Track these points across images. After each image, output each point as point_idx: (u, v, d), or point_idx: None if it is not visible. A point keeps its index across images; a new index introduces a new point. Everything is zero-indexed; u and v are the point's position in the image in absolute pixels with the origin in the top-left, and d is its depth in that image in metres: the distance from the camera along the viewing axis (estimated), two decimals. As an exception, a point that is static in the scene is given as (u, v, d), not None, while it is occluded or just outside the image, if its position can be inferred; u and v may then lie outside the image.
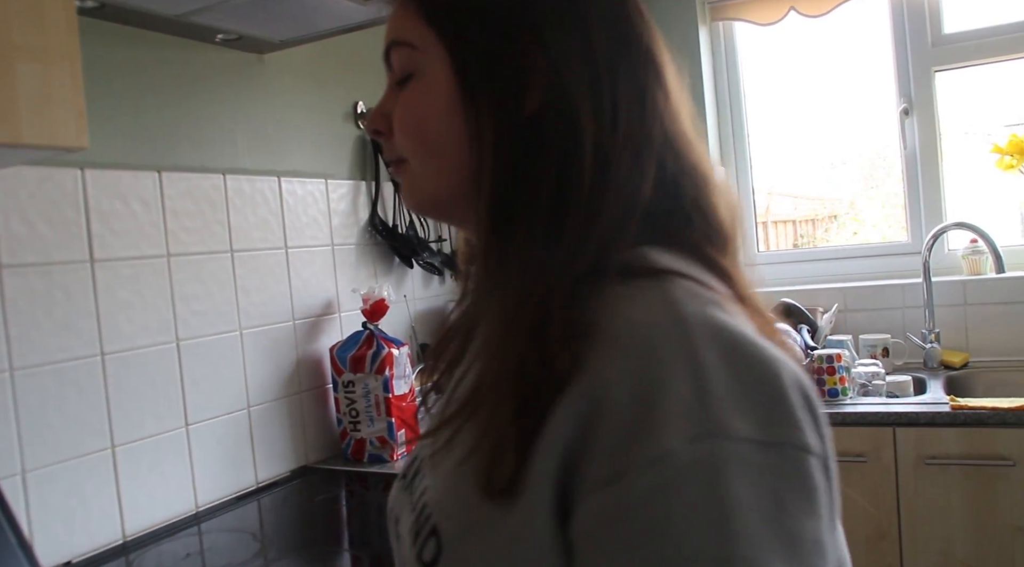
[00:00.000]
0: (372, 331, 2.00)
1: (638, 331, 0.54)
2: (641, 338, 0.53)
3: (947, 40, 2.64)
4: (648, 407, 0.50)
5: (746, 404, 0.51)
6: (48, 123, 1.05)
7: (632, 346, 0.53)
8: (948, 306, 2.52)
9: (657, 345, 0.52)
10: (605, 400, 0.52)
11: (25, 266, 1.39)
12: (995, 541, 1.90)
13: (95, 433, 1.49)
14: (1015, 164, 2.48)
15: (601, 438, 0.51)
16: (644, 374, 0.51)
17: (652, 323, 0.54)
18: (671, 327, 0.53)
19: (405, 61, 0.68)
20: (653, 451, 0.49)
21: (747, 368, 0.52)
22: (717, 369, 0.51)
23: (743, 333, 0.54)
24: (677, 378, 0.51)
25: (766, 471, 0.50)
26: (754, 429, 0.50)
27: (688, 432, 0.49)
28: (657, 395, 0.50)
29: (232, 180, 1.81)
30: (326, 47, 2.02)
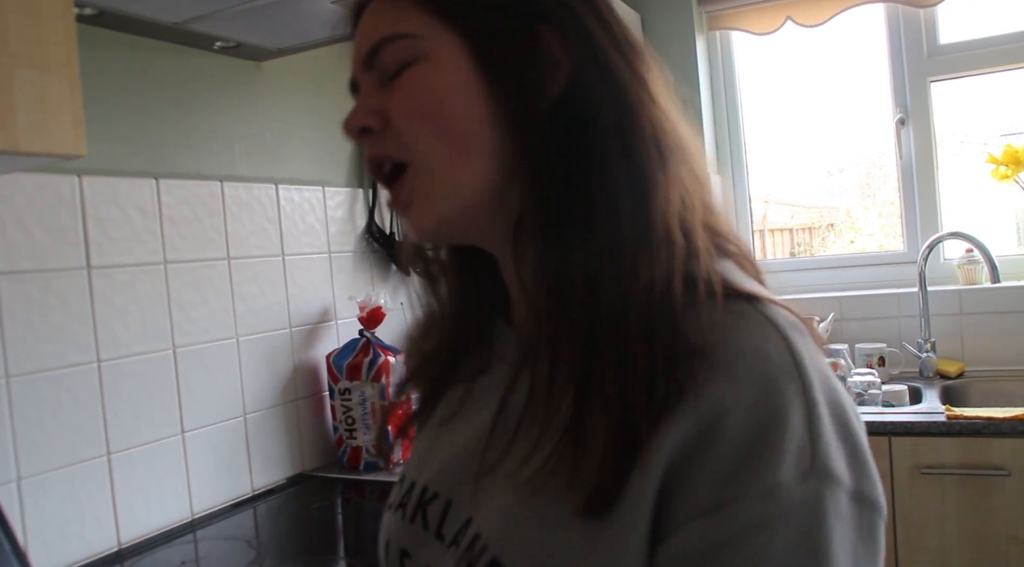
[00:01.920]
0: (369, 339, 2.00)
1: (755, 360, 0.52)
2: (759, 367, 0.51)
3: (943, 51, 2.65)
4: (765, 438, 0.49)
5: (845, 449, 0.51)
6: (46, 130, 1.05)
7: (750, 375, 0.51)
8: (944, 315, 2.52)
9: (775, 376, 0.51)
10: (720, 428, 0.50)
11: (21, 273, 1.39)
12: (990, 551, 1.90)
13: (91, 440, 1.49)
14: (1010, 174, 2.49)
15: (710, 465, 0.50)
16: (763, 405, 0.50)
17: (768, 355, 0.52)
18: (786, 359, 0.52)
19: (402, 53, 0.61)
20: (767, 483, 0.48)
21: (840, 414, 0.52)
22: (824, 410, 0.51)
23: (832, 374, 0.55)
24: (794, 413, 0.50)
25: (853, 523, 0.50)
26: (850, 477, 0.50)
27: (800, 469, 0.49)
28: (775, 427, 0.49)
29: (229, 187, 1.81)
30: (324, 55, 2.02)
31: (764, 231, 3.16)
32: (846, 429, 0.52)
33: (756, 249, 3.07)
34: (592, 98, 0.57)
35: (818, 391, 0.51)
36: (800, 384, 0.51)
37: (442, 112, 0.59)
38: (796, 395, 0.50)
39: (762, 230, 3.14)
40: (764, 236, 3.15)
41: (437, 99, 0.59)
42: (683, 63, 2.88)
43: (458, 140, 0.59)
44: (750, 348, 0.52)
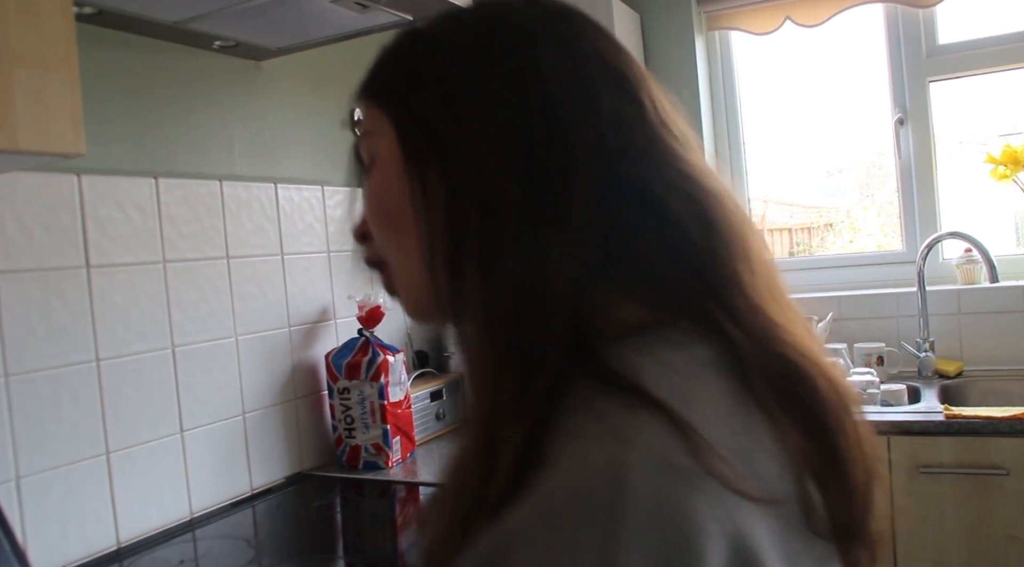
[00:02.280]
0: (368, 338, 2.00)
1: (568, 491, 0.45)
2: (567, 501, 0.44)
3: (942, 51, 2.66)
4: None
5: None
6: (45, 129, 1.05)
7: (554, 509, 0.45)
8: (942, 315, 2.52)
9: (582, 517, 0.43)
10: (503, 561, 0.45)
11: (21, 272, 1.39)
12: (989, 550, 1.90)
13: (90, 439, 1.49)
14: (1009, 174, 2.49)
15: None
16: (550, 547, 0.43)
17: (588, 488, 0.44)
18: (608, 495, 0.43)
19: (367, 148, 0.65)
20: None
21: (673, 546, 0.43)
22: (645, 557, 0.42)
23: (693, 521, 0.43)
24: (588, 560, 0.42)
25: None
26: None
27: None
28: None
29: (228, 186, 1.81)
30: (323, 54, 2.02)
31: (763, 231, 3.16)
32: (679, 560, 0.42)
33: (755, 249, 3.07)
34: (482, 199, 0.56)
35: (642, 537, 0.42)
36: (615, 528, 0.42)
37: (385, 210, 0.63)
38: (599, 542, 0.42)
39: (761, 230, 3.14)
40: (763, 236, 3.15)
41: (380, 202, 0.63)
42: (682, 63, 2.88)
43: (401, 239, 0.62)
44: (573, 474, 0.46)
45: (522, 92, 0.56)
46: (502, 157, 0.55)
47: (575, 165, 0.54)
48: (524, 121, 0.55)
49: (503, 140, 0.55)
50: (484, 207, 0.55)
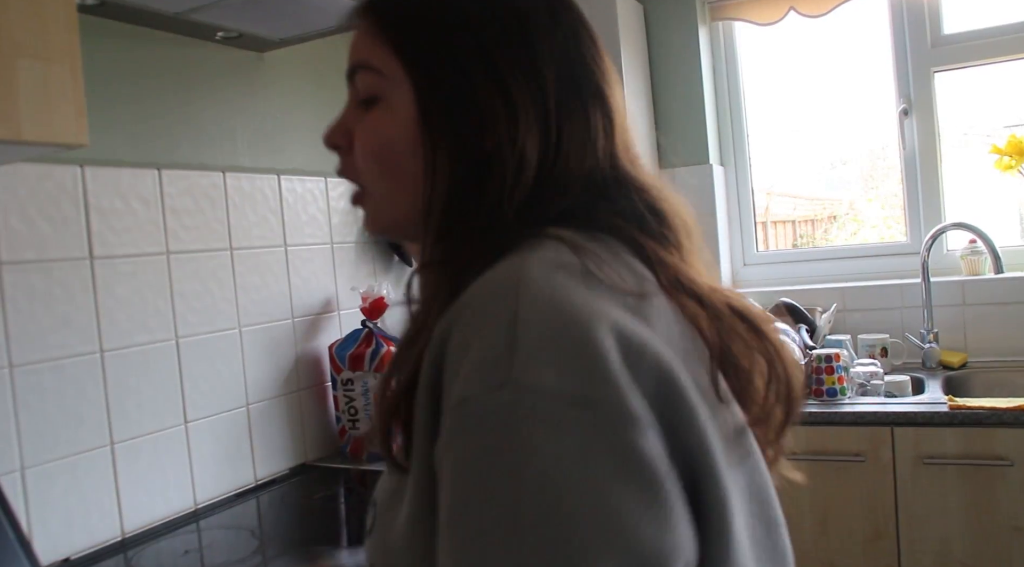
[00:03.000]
0: (371, 329, 2.00)
1: (481, 289, 0.58)
2: (479, 294, 0.57)
3: (946, 41, 2.64)
4: (463, 355, 0.54)
5: (560, 360, 0.51)
6: (48, 120, 1.05)
7: (470, 301, 0.57)
8: (947, 306, 2.52)
9: (488, 300, 0.56)
10: (445, 349, 0.56)
11: (25, 263, 1.39)
12: (993, 541, 1.90)
13: (94, 430, 1.49)
14: (1014, 165, 2.48)
15: (443, 382, 0.55)
16: (469, 325, 0.55)
17: (494, 281, 0.58)
18: (507, 285, 0.56)
19: (371, 85, 0.70)
20: (456, 396, 0.52)
21: (566, 326, 0.53)
22: (534, 324, 0.53)
23: (573, 294, 0.55)
24: (493, 330, 0.53)
25: (573, 427, 0.49)
26: (564, 384, 0.50)
27: (490, 380, 0.51)
28: (472, 344, 0.53)
29: (232, 178, 1.81)
30: (326, 45, 2.02)
31: (767, 223, 3.15)
32: (576, 344, 0.52)
33: (758, 241, 3.07)
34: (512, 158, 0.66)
35: (534, 312, 0.53)
36: (512, 305, 0.54)
37: (386, 157, 0.69)
38: (501, 315, 0.54)
39: (764, 222, 3.14)
40: (767, 228, 3.15)
41: (385, 144, 0.69)
42: (686, 54, 2.87)
43: (393, 178, 0.70)
44: (484, 281, 0.59)
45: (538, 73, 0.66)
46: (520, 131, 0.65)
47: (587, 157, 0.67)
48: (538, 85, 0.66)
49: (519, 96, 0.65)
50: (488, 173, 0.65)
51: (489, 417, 0.50)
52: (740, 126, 3.00)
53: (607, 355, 0.51)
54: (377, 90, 0.69)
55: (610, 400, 0.50)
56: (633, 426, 0.50)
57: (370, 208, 0.74)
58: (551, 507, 0.47)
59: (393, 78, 0.68)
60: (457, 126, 0.66)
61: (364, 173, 0.72)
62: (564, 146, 0.66)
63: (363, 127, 0.71)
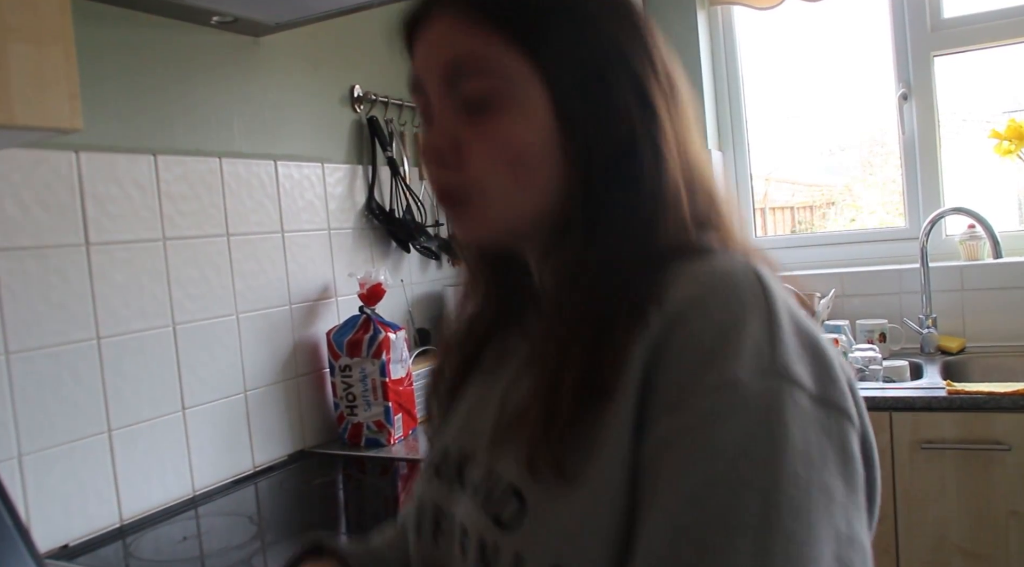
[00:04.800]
0: (369, 315, 2.00)
1: (719, 273, 0.58)
2: (722, 278, 0.57)
3: (946, 24, 2.63)
4: (725, 339, 0.54)
5: (808, 360, 0.55)
6: (42, 104, 1.05)
7: (714, 283, 0.57)
8: (945, 291, 2.52)
9: (738, 286, 0.57)
10: (682, 325, 0.56)
11: (20, 249, 1.39)
12: (990, 525, 1.90)
13: (91, 417, 1.49)
14: (1013, 149, 2.47)
15: (676, 361, 0.55)
16: (725, 308, 0.55)
17: (733, 272, 0.58)
18: (749, 276, 0.57)
19: (488, 89, 0.64)
20: (721, 378, 0.53)
21: (805, 331, 0.57)
22: (785, 321, 0.55)
23: (798, 309, 0.59)
24: (753, 318, 0.55)
25: (816, 424, 0.53)
26: (813, 383, 0.54)
27: (759, 367, 0.53)
28: (735, 329, 0.54)
29: (228, 164, 1.80)
30: (322, 30, 2.01)
31: (765, 209, 3.14)
32: (811, 344, 0.56)
33: (757, 227, 3.06)
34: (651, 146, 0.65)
35: (780, 308, 0.56)
36: (762, 298, 0.56)
37: (522, 161, 0.64)
38: (757, 305, 0.55)
39: (763, 208, 3.13)
40: (765, 214, 3.14)
41: (521, 150, 0.64)
42: (684, 39, 2.85)
43: (530, 180, 0.65)
44: (717, 266, 0.59)
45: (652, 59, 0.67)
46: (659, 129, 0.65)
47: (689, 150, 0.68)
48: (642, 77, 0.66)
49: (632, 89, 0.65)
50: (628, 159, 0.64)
51: (757, 400, 0.52)
52: (739, 111, 2.99)
53: (834, 362, 0.57)
54: (500, 94, 0.64)
55: (840, 404, 0.55)
56: (852, 428, 0.55)
57: (481, 212, 0.67)
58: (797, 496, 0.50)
59: (516, 77, 0.63)
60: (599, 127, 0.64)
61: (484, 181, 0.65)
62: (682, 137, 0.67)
63: (488, 136, 0.64)
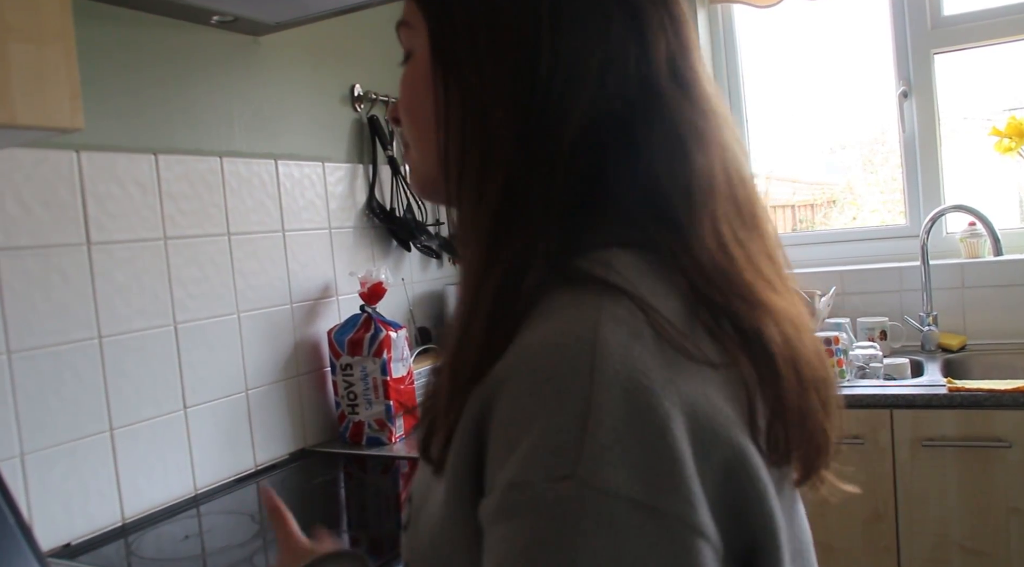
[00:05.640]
0: (370, 314, 2.00)
1: (548, 346, 0.51)
2: (548, 354, 0.50)
3: (947, 22, 2.63)
4: (524, 430, 0.48)
5: (632, 460, 0.46)
6: (42, 104, 1.05)
7: (536, 360, 0.50)
8: (946, 289, 2.52)
9: (560, 368, 0.49)
10: (497, 402, 0.51)
11: (21, 249, 1.39)
12: (991, 522, 1.91)
13: (93, 416, 1.49)
14: (1014, 146, 2.47)
15: (490, 438, 0.51)
16: (533, 393, 0.49)
17: (566, 343, 0.50)
18: (583, 353, 0.49)
19: (405, 40, 0.67)
20: (511, 477, 0.48)
21: (648, 425, 0.47)
22: (612, 414, 0.47)
23: (651, 376, 0.49)
24: (565, 409, 0.47)
25: (635, 534, 0.45)
26: (635, 488, 0.46)
27: (553, 470, 0.46)
28: (537, 420, 0.48)
29: (229, 163, 1.81)
30: (322, 29, 2.01)
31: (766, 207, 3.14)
32: (651, 443, 0.47)
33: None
34: None
35: (610, 397, 0.47)
36: (587, 384, 0.48)
37: (411, 108, 0.67)
38: (574, 394, 0.48)
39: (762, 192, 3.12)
40: (761, 198, 3.13)
41: (410, 96, 0.66)
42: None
43: (419, 130, 0.66)
44: (552, 333, 0.51)
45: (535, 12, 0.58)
46: (505, 77, 0.59)
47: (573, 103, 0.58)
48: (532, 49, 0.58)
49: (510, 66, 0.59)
50: (485, 127, 0.59)
51: (546, 509, 0.46)
52: (739, 110, 2.98)
53: (680, 457, 0.47)
54: (408, 43, 0.67)
55: (678, 511, 0.46)
56: (695, 541, 0.47)
57: (409, 167, 0.71)
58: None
59: (416, 26, 0.65)
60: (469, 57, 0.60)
61: (405, 130, 0.69)
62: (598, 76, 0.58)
63: (401, 83, 0.68)
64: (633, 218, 0.59)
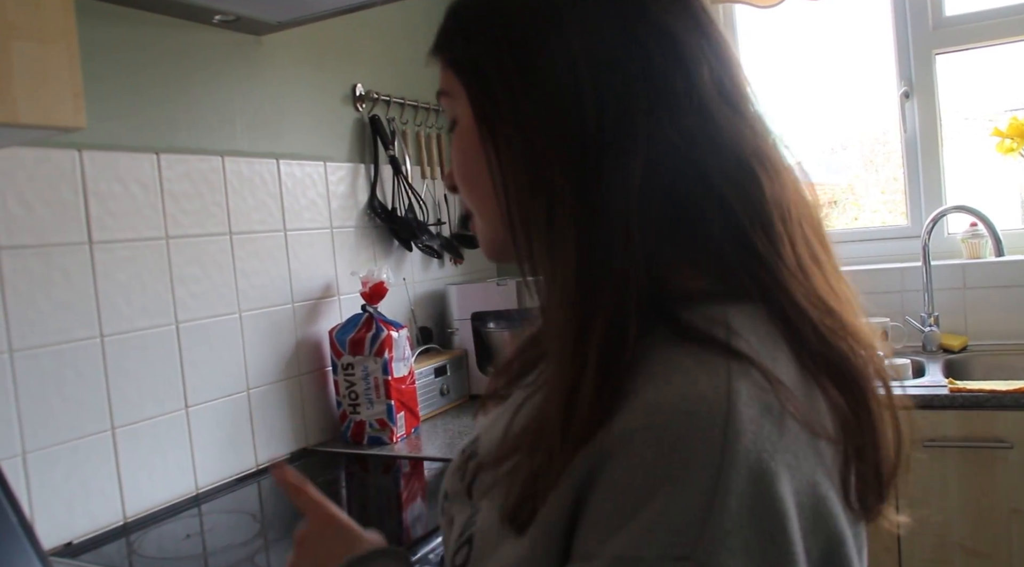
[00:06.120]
0: (371, 314, 2.00)
1: (679, 411, 0.47)
2: (678, 420, 0.47)
3: (948, 22, 2.63)
4: (644, 500, 0.46)
5: (749, 549, 0.45)
6: (45, 102, 1.05)
7: (665, 424, 0.47)
8: (947, 289, 2.51)
9: (692, 439, 0.46)
10: (610, 465, 0.48)
11: (23, 248, 1.39)
12: (992, 523, 1.90)
13: (95, 415, 1.49)
14: (1015, 147, 2.47)
15: (594, 503, 0.49)
16: (659, 461, 0.46)
17: (698, 411, 0.47)
18: (716, 424, 0.46)
19: (448, 109, 0.68)
20: (624, 549, 0.45)
21: (771, 512, 0.46)
22: (739, 498, 0.45)
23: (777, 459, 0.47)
24: (693, 487, 0.45)
25: None
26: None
27: (671, 548, 0.44)
28: (660, 493, 0.46)
29: (230, 162, 1.81)
30: (324, 29, 2.02)
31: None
32: (770, 535, 0.46)
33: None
34: None
35: (739, 479, 0.45)
36: (717, 461, 0.45)
37: (466, 177, 0.66)
38: (704, 470, 0.45)
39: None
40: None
41: (462, 164, 0.66)
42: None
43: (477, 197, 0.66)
44: (681, 397, 0.48)
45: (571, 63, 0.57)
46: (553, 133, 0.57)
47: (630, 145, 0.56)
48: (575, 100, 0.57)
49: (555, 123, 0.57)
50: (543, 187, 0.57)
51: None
52: (740, 110, 2.98)
53: (795, 551, 0.46)
54: (452, 113, 0.67)
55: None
56: None
57: (476, 227, 0.70)
58: None
59: (458, 97, 0.65)
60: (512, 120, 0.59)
61: (462, 195, 0.69)
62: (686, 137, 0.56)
63: (453, 153, 0.68)
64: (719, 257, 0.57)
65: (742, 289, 0.56)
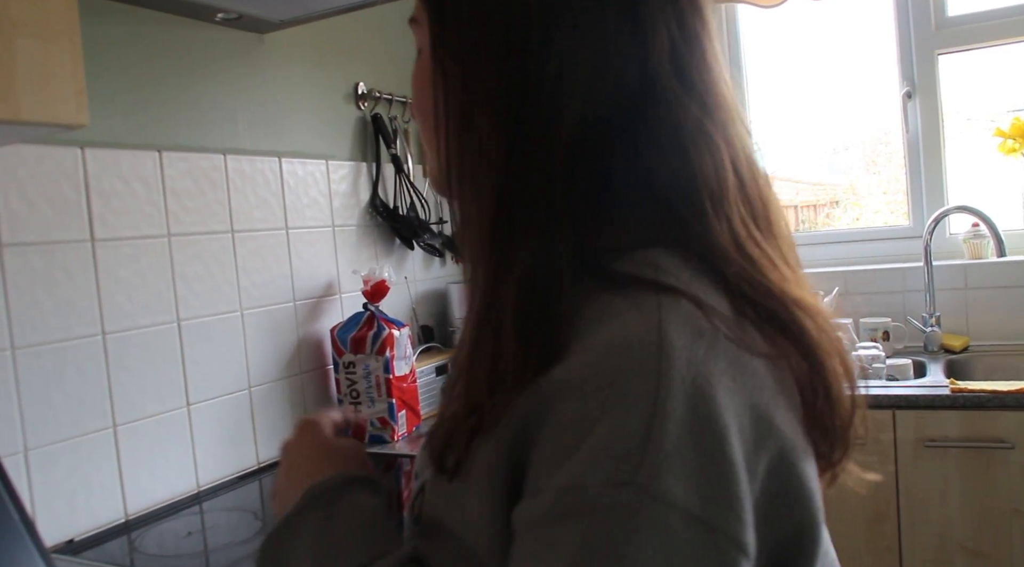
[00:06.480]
0: (373, 312, 2.00)
1: (612, 348, 0.49)
2: (613, 356, 0.49)
3: (951, 23, 2.63)
4: (584, 433, 0.47)
5: (690, 472, 0.46)
6: (47, 100, 1.05)
7: (601, 361, 0.49)
8: (949, 290, 2.51)
9: (627, 371, 0.48)
10: (553, 408, 0.49)
11: (25, 245, 1.39)
12: (993, 523, 1.90)
13: (96, 412, 1.49)
14: (1018, 148, 2.47)
15: (541, 442, 0.50)
16: (598, 395, 0.47)
17: (630, 345, 0.49)
18: (649, 355, 0.48)
19: (417, 37, 0.66)
20: (568, 480, 0.47)
21: (709, 437, 0.47)
22: (677, 421, 0.46)
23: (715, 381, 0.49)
24: (631, 414, 0.46)
25: (686, 547, 0.45)
26: (691, 500, 0.46)
27: (613, 475, 0.45)
28: (600, 423, 0.47)
29: (232, 160, 1.81)
30: (327, 27, 2.02)
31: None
32: (710, 455, 0.47)
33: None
34: None
35: (676, 403, 0.46)
36: (653, 388, 0.47)
37: (418, 104, 0.65)
38: (641, 398, 0.46)
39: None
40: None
41: (416, 92, 0.66)
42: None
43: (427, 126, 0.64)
44: (617, 335, 0.49)
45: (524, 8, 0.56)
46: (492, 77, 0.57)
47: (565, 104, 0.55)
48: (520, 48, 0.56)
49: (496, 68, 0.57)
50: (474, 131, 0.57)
51: (603, 514, 0.45)
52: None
53: (736, 472, 0.47)
54: (419, 40, 0.65)
55: (728, 528, 0.46)
56: (739, 560, 0.47)
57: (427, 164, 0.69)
58: None
59: (422, 22, 0.63)
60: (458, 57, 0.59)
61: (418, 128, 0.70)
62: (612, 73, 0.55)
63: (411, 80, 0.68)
64: (646, 221, 0.57)
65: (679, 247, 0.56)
